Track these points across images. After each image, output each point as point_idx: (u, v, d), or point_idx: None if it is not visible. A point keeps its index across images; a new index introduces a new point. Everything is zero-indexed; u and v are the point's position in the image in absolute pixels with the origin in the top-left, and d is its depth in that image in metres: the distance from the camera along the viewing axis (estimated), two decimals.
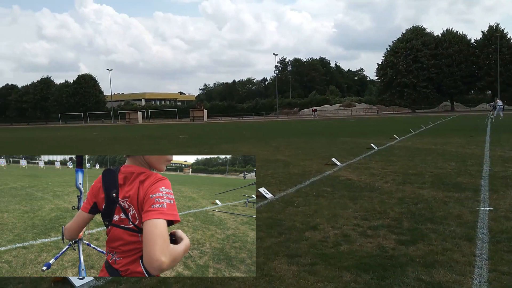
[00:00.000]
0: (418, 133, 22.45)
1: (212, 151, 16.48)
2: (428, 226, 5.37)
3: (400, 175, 9.18)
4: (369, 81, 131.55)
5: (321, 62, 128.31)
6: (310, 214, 6.13)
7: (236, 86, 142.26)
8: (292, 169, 10.59)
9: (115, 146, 21.39)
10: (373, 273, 3.92)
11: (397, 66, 74.03)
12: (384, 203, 6.69)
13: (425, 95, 74.40)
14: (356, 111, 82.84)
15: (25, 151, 20.45)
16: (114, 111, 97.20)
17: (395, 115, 66.09)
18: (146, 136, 29.74)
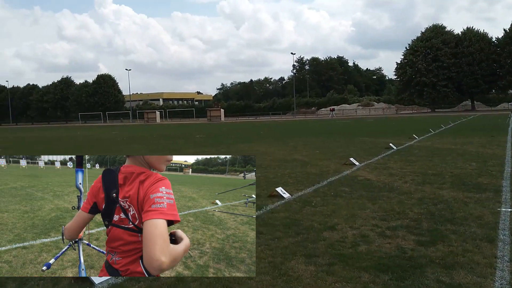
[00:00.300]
0: (438, 133, 22.17)
1: (229, 150, 16.52)
2: (448, 227, 5.30)
3: (419, 175, 9.08)
4: (387, 80, 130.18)
5: (339, 61, 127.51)
6: (328, 214, 6.10)
7: (253, 86, 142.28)
8: (310, 169, 10.55)
9: (133, 145, 21.59)
10: (391, 274, 3.89)
11: (416, 65, 73.19)
12: (403, 203, 6.62)
13: (445, 94, 73.44)
14: (374, 111, 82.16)
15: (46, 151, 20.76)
16: (133, 110, 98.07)
17: (414, 115, 65.37)
18: (164, 136, 29.95)
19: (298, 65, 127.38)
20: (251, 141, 21.24)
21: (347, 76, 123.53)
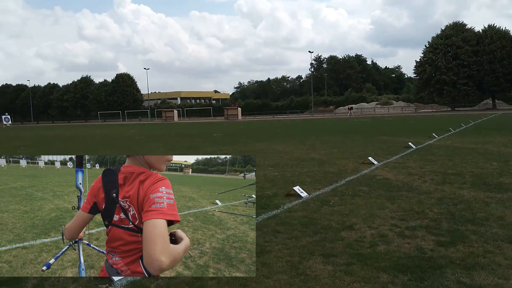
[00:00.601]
0: (458, 132, 21.87)
1: (246, 149, 16.53)
2: (468, 228, 5.23)
3: (439, 175, 8.97)
4: (406, 79, 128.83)
5: (358, 59, 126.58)
6: (346, 214, 6.06)
7: (270, 84, 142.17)
8: (328, 168, 10.51)
9: (152, 144, 21.76)
10: (411, 274, 3.85)
11: (436, 63, 72.25)
12: (422, 203, 6.55)
13: (465, 92, 72.37)
14: (393, 109, 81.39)
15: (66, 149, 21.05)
16: (151, 109, 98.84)
17: (433, 113, 64.55)
18: (182, 134, 30.13)
19: (316, 63, 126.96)
20: (268, 139, 21.23)
21: (365, 75, 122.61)
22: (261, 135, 26.02)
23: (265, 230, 5.36)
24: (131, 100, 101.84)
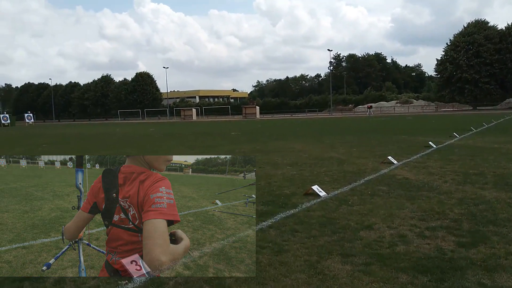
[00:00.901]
0: (480, 132, 21.52)
1: (264, 148, 16.53)
2: (490, 229, 5.15)
3: (460, 175, 8.84)
4: (427, 77, 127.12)
5: (377, 57, 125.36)
6: (365, 213, 6.03)
7: (289, 83, 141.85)
8: (347, 167, 10.45)
9: (170, 142, 21.94)
10: (430, 275, 3.81)
11: (457, 61, 71.15)
12: (443, 203, 6.47)
13: (487, 91, 71.10)
14: (413, 108, 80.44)
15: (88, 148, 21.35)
16: (170, 108, 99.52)
17: (454, 112, 63.61)
18: (200, 133, 30.28)
19: (335, 61, 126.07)
20: (287, 138, 21.20)
21: (385, 73, 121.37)
22: (279, 133, 25.99)
23: (283, 229, 5.36)
24: (150, 99, 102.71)
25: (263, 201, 7.00)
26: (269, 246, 4.72)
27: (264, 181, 8.87)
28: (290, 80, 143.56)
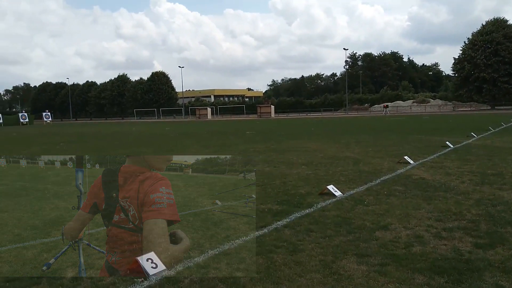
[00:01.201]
0: (498, 131, 21.20)
1: (279, 147, 16.51)
2: (508, 230, 5.08)
3: (477, 175, 8.73)
4: (444, 76, 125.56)
5: (394, 56, 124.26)
6: (381, 214, 5.99)
7: (304, 82, 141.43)
8: (362, 167, 10.39)
9: (186, 141, 22.04)
10: (447, 276, 3.78)
11: (475, 60, 70.16)
12: (460, 204, 6.40)
13: (506, 90, 69.95)
14: (430, 108, 79.54)
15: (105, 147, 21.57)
16: (185, 107, 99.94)
17: (472, 112, 62.76)
18: (215, 132, 30.37)
19: (351, 60, 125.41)
20: (302, 137, 21.15)
21: (401, 72, 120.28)
22: (294, 133, 25.93)
23: (298, 229, 5.36)
24: (166, 98, 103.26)
25: (278, 200, 7.00)
26: (284, 246, 4.72)
27: (279, 180, 8.87)
28: (306, 79, 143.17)
